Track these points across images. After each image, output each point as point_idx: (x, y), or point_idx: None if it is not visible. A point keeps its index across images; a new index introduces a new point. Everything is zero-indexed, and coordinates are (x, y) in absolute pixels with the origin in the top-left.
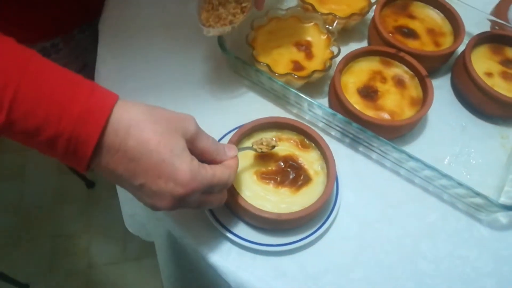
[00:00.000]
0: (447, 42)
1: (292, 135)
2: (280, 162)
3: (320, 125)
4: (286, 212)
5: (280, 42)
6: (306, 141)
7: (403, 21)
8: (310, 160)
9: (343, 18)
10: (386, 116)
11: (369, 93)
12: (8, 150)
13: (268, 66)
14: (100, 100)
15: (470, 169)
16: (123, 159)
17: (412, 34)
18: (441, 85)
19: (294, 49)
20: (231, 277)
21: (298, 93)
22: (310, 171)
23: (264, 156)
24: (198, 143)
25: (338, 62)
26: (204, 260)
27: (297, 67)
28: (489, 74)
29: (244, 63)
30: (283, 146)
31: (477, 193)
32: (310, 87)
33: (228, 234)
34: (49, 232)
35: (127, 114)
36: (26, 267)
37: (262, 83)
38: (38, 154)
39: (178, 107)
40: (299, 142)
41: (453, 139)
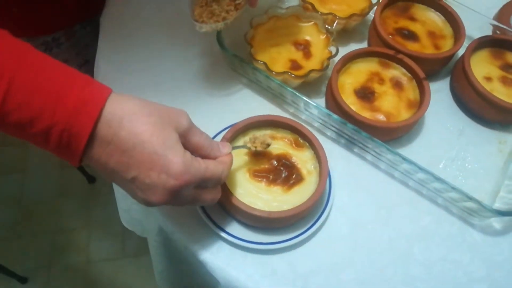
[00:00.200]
0: (447, 45)
1: (287, 134)
2: (273, 161)
3: (316, 125)
4: (277, 211)
5: (279, 41)
6: (300, 140)
7: (404, 23)
8: (304, 159)
9: (343, 19)
10: (382, 118)
11: (366, 94)
12: (11, 144)
13: (266, 65)
14: (94, 93)
15: (466, 173)
16: (116, 151)
17: (412, 36)
18: (440, 88)
19: (293, 48)
20: (221, 274)
21: (295, 92)
22: (303, 170)
23: (258, 154)
24: (192, 138)
25: (336, 62)
26: (195, 257)
27: (295, 66)
28: (488, 79)
29: (242, 61)
30: (277, 145)
31: (470, 198)
32: (308, 87)
33: (219, 232)
34: (49, 227)
35: (121, 107)
36: (26, 261)
37: (259, 81)
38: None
39: (175, 102)
40: (293, 141)
41: (450, 143)
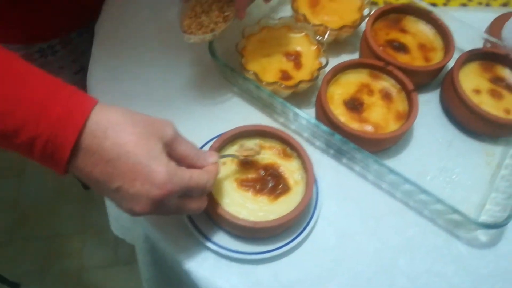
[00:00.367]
0: (438, 58)
1: (275, 144)
2: (261, 170)
3: (306, 135)
4: (262, 221)
5: (270, 51)
6: (289, 151)
7: (395, 35)
8: (291, 170)
9: (335, 30)
10: (370, 129)
11: (355, 105)
12: None
13: (256, 74)
14: (79, 103)
15: (453, 185)
16: (100, 161)
17: (403, 48)
18: (430, 100)
19: (284, 59)
20: (205, 284)
21: (284, 103)
22: (290, 180)
23: (245, 164)
24: (177, 147)
25: (326, 73)
26: (180, 266)
27: (285, 77)
28: (478, 91)
29: (233, 70)
30: (266, 155)
31: (455, 210)
32: (298, 97)
33: (204, 241)
34: (44, 232)
35: (106, 117)
36: (18, 266)
37: (250, 91)
38: None
39: (166, 110)
40: (282, 151)
41: (438, 155)
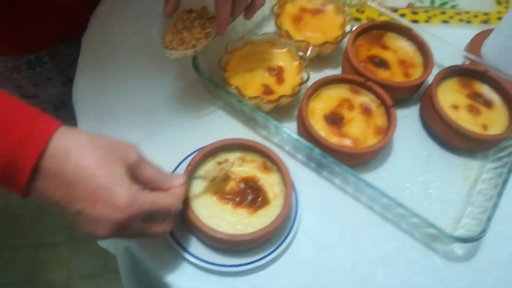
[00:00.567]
0: (417, 74)
1: (256, 157)
2: (241, 183)
3: (287, 148)
4: (239, 234)
5: (253, 66)
6: (269, 164)
7: (376, 51)
8: (271, 183)
9: (317, 46)
10: (349, 143)
11: (335, 120)
12: None
13: (238, 89)
14: (41, 126)
15: (431, 199)
16: (61, 185)
17: (384, 64)
18: (410, 115)
19: (266, 73)
20: None
21: (266, 117)
22: (270, 194)
23: (226, 177)
24: (141, 171)
25: (307, 88)
26: (159, 277)
27: (267, 91)
28: (456, 107)
29: (216, 85)
30: (246, 168)
31: (431, 224)
32: (281, 111)
33: (183, 253)
34: (32, 241)
35: (68, 140)
36: (6, 275)
37: (233, 105)
38: None
39: (151, 122)
40: (262, 164)
41: (417, 169)
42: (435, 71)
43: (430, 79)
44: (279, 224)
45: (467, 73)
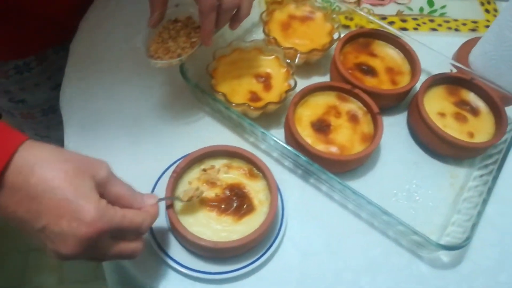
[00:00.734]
0: (404, 81)
1: (242, 164)
2: (226, 190)
3: (275, 155)
4: (223, 241)
5: (241, 73)
6: (255, 171)
7: (364, 59)
8: (257, 190)
9: (304, 53)
10: (336, 150)
11: (322, 127)
12: None
13: (225, 96)
14: (6, 139)
15: (418, 206)
16: (25, 199)
17: (371, 72)
18: (397, 122)
19: (254, 80)
20: None
21: (252, 123)
22: (255, 201)
23: (211, 184)
24: (111, 188)
25: (294, 96)
26: (145, 285)
27: (254, 98)
28: (442, 115)
29: (203, 91)
30: (232, 174)
31: (415, 232)
32: (268, 117)
33: (168, 260)
34: (23, 246)
35: (34, 153)
36: None
37: (221, 111)
38: None
39: (138, 128)
40: (248, 171)
41: (404, 176)
42: (423, 79)
43: (418, 87)
44: (263, 232)
45: (454, 81)
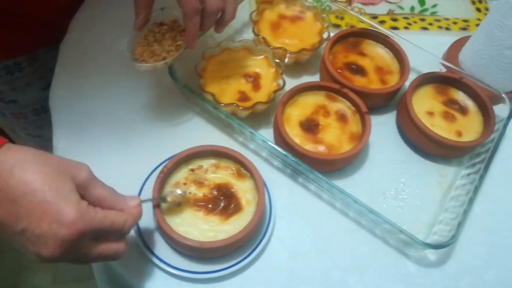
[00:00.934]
0: (394, 80)
1: (230, 164)
2: (214, 190)
3: (264, 154)
4: (209, 241)
5: (230, 73)
6: (243, 171)
7: (354, 58)
8: (244, 189)
9: (294, 53)
10: (324, 150)
11: (311, 126)
12: None
13: (213, 96)
14: None
15: (406, 205)
16: (4, 201)
17: (360, 71)
18: (386, 121)
19: (243, 80)
20: None
21: (241, 123)
22: (242, 200)
23: (199, 184)
24: (92, 190)
25: (283, 95)
26: (132, 285)
27: (243, 98)
28: (431, 114)
29: (191, 91)
30: (220, 174)
31: (401, 231)
32: (257, 117)
33: (155, 260)
34: None
35: (13, 156)
36: None
37: (210, 112)
38: None
39: (127, 129)
40: (236, 171)
41: (392, 175)
42: (413, 78)
43: (407, 86)
44: (250, 231)
45: (443, 80)
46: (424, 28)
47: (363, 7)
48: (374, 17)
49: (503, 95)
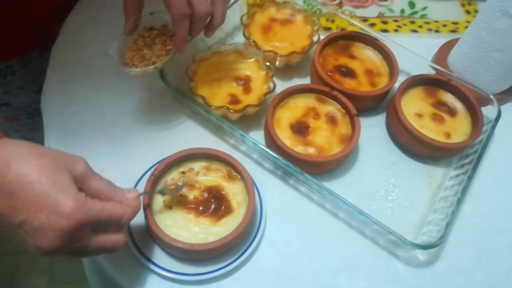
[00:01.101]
0: (383, 83)
1: (221, 166)
2: (204, 192)
3: (255, 157)
4: (199, 243)
5: (221, 76)
6: (234, 173)
7: (344, 61)
8: (235, 191)
9: (284, 56)
10: (313, 152)
11: (301, 129)
12: None
13: (204, 99)
14: None
15: (395, 206)
16: (2, 195)
17: (350, 74)
18: (376, 123)
19: (234, 83)
20: None
21: (231, 126)
22: (233, 202)
23: (190, 186)
24: (90, 183)
25: (273, 98)
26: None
27: (234, 101)
28: (420, 115)
29: (182, 95)
30: (211, 177)
31: (390, 232)
32: (248, 120)
33: (146, 262)
34: (13, 248)
35: (9, 150)
36: None
37: (201, 114)
38: None
39: (119, 132)
40: (227, 173)
41: (382, 176)
42: (403, 80)
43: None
44: (240, 233)
45: (432, 82)
46: (414, 31)
47: (354, 10)
48: (365, 20)
49: (491, 97)
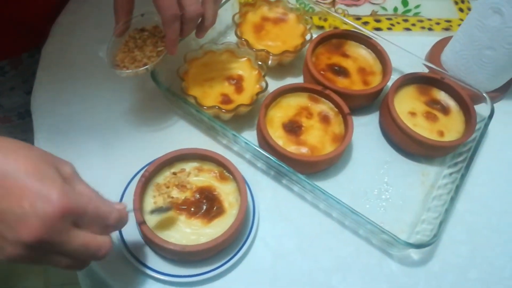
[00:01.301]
0: (376, 81)
1: (213, 167)
2: (196, 193)
3: (247, 157)
4: (191, 244)
5: (213, 75)
6: (225, 173)
7: (336, 59)
8: (227, 192)
9: (277, 55)
10: (306, 151)
11: (293, 128)
12: None
13: (195, 99)
14: None
15: (388, 205)
16: None
17: (343, 72)
18: (370, 122)
19: (226, 83)
20: None
21: (223, 126)
22: (225, 203)
23: (181, 187)
24: (76, 186)
25: (266, 97)
26: None
27: (226, 100)
28: (413, 114)
29: (174, 95)
30: (203, 177)
31: (383, 231)
32: (241, 119)
33: (137, 264)
34: None
35: None
36: None
37: (193, 114)
38: None
39: (110, 133)
40: (219, 174)
41: (375, 175)
42: (396, 79)
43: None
44: (232, 234)
45: (425, 80)
46: (407, 29)
47: (347, 8)
48: (358, 18)
49: (484, 95)
